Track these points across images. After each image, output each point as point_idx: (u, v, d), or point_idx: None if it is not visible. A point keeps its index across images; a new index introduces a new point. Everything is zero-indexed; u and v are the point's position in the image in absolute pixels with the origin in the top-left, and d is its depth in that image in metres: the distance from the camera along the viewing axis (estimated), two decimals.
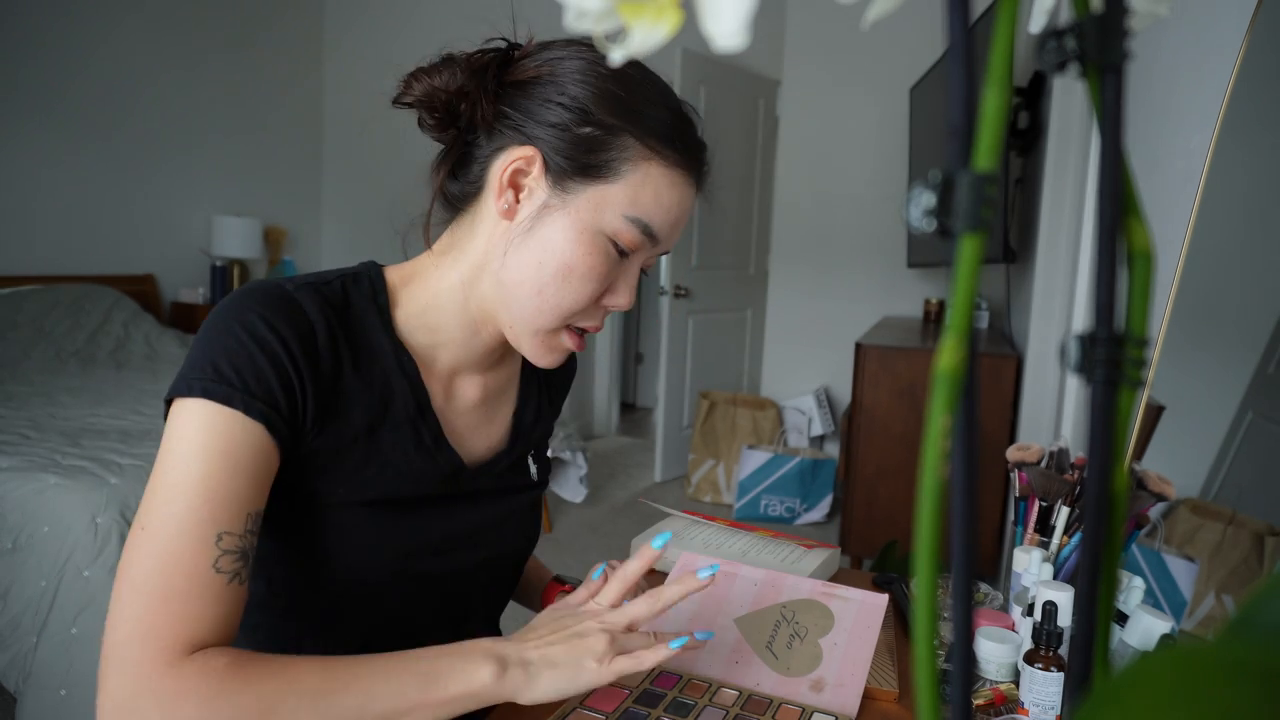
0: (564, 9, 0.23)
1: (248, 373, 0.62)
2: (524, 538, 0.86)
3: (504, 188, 0.69)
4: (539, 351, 0.73)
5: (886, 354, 2.63)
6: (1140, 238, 0.21)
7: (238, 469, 0.61)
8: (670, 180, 0.69)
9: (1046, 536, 0.89)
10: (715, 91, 3.83)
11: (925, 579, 0.20)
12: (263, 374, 0.62)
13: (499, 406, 0.84)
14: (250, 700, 0.55)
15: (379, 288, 0.74)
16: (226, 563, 0.59)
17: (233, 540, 0.60)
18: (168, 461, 0.60)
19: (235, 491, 0.60)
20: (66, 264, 3.34)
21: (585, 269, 0.68)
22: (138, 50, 3.53)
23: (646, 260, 0.73)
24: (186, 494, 0.59)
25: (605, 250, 0.68)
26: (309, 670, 0.58)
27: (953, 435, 0.19)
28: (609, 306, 0.72)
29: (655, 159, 0.68)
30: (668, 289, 3.81)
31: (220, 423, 0.61)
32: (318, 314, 0.67)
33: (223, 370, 0.62)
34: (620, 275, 0.71)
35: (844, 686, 0.76)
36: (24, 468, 1.74)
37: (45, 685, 1.52)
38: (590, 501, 3.55)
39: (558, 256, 0.68)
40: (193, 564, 0.58)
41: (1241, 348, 0.89)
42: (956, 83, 0.19)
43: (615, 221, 0.68)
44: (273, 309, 0.65)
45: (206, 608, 0.58)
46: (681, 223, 0.72)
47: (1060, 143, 2.35)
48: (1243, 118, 0.89)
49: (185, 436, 0.61)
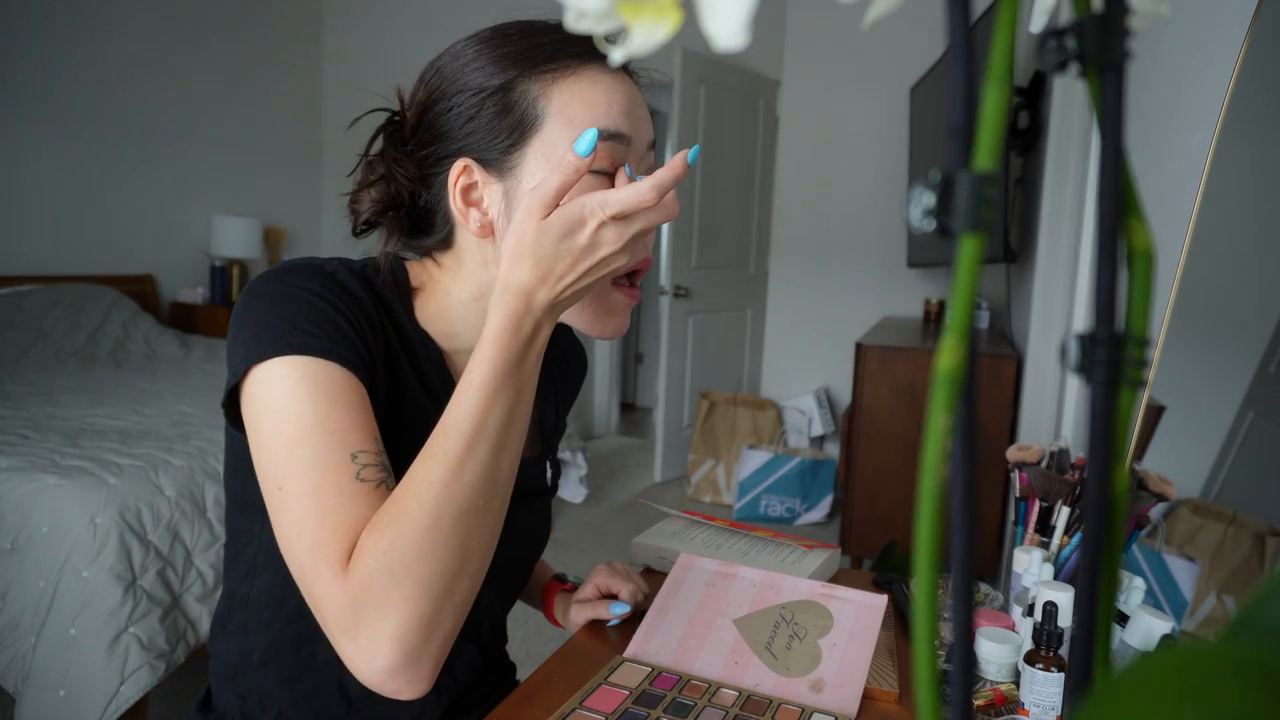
0: (564, 9, 0.23)
1: (323, 323, 0.62)
2: (537, 542, 0.86)
3: (465, 210, 0.69)
4: (598, 319, 0.71)
5: (886, 354, 2.63)
6: (1140, 237, 0.21)
7: (349, 404, 0.61)
8: (587, 83, 0.67)
9: (1047, 537, 0.89)
10: (715, 91, 3.83)
11: (925, 579, 0.20)
12: (336, 323, 0.63)
13: None
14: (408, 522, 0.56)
15: (402, 279, 0.74)
16: (370, 473, 0.60)
17: (369, 455, 0.60)
18: (274, 422, 0.60)
19: (354, 421, 0.61)
20: (66, 264, 3.34)
21: None
22: (137, 50, 3.53)
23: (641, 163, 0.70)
24: (309, 438, 0.59)
25: (584, 186, 0.66)
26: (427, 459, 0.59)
27: (953, 435, 0.19)
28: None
29: (559, 79, 0.67)
30: (668, 289, 3.81)
31: (315, 370, 0.61)
32: (359, 290, 0.68)
33: (297, 324, 0.62)
34: None
35: (843, 687, 0.76)
36: (23, 468, 1.74)
37: (44, 686, 1.52)
38: (590, 501, 3.55)
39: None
40: (339, 483, 0.58)
41: (1242, 348, 0.89)
42: (956, 83, 0.19)
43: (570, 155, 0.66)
44: (322, 279, 0.65)
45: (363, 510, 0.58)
46: (634, 108, 0.69)
47: (1060, 143, 2.35)
48: (1243, 117, 0.89)
49: (282, 393, 0.60)
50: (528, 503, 0.83)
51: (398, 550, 0.55)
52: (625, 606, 0.90)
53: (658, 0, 0.22)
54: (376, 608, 0.55)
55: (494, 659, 0.90)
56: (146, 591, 1.60)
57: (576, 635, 0.89)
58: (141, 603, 1.58)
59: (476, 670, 0.85)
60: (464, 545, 0.58)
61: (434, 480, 0.58)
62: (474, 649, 0.83)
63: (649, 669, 0.78)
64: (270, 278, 0.65)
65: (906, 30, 3.61)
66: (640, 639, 0.83)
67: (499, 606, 0.87)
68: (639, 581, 0.93)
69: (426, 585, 0.56)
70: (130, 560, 1.60)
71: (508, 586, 0.86)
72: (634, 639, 0.83)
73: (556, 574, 1.03)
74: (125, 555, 1.59)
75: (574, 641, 0.87)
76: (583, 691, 0.74)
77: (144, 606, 1.58)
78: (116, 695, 1.51)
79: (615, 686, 0.75)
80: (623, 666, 0.79)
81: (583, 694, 0.73)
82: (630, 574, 0.95)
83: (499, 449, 0.60)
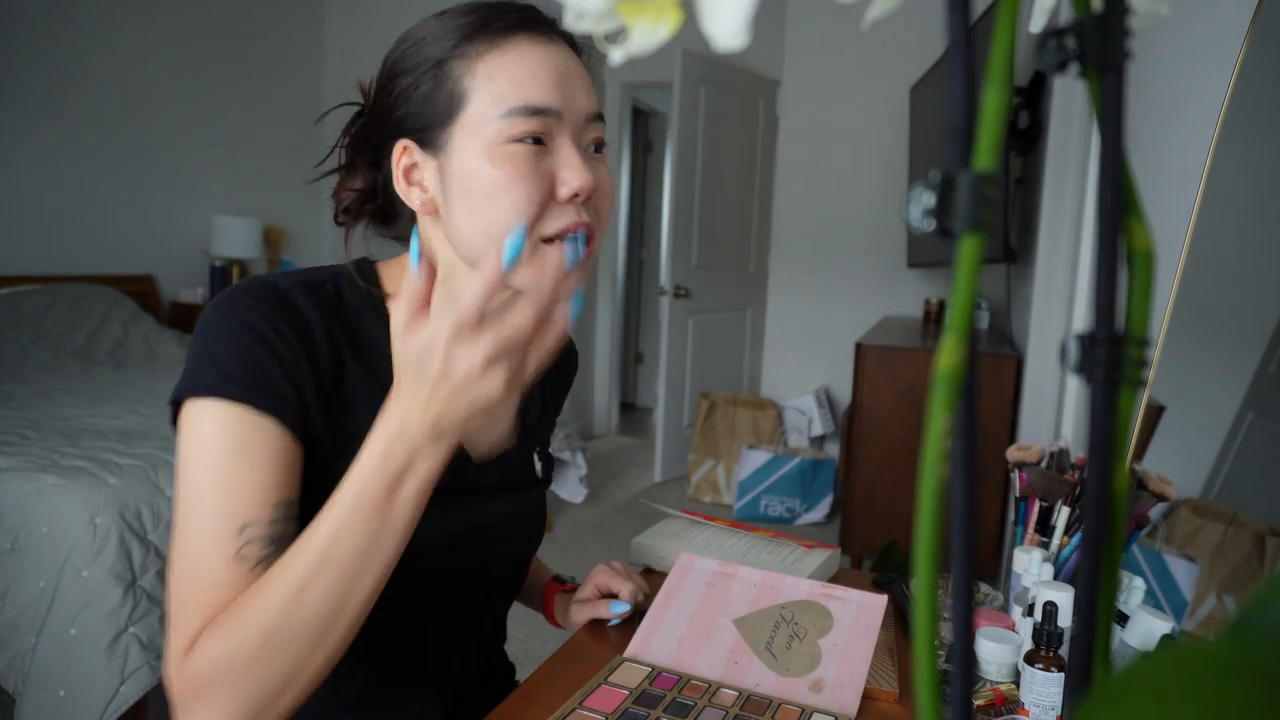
0: (564, 9, 0.23)
1: (250, 367, 0.62)
2: (530, 535, 0.86)
3: (408, 190, 0.70)
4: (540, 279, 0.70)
5: (886, 354, 2.62)
6: (1140, 238, 0.21)
7: (256, 463, 0.61)
8: (515, 56, 0.67)
9: (1046, 537, 0.89)
10: (715, 91, 3.83)
11: (925, 579, 0.20)
12: (265, 366, 0.63)
13: None
14: (239, 638, 0.56)
15: (371, 284, 0.74)
16: (251, 550, 0.60)
17: (258, 529, 0.61)
18: (186, 465, 0.62)
19: (256, 483, 0.61)
20: (66, 264, 3.34)
21: (505, 179, 0.65)
22: (137, 50, 3.53)
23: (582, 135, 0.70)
24: (208, 495, 0.60)
25: (511, 154, 0.66)
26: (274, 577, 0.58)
27: (953, 435, 0.19)
28: (566, 195, 0.67)
29: (486, 53, 0.67)
30: (668, 289, 3.81)
31: (231, 419, 0.61)
32: (312, 310, 0.67)
33: (225, 367, 0.62)
34: (557, 162, 0.68)
35: (843, 687, 0.76)
36: (23, 468, 1.74)
37: (44, 686, 1.52)
38: (590, 502, 3.55)
39: (476, 190, 0.67)
40: (214, 559, 0.59)
41: (1242, 348, 0.89)
42: (956, 83, 0.19)
43: (497, 126, 0.66)
44: (267, 304, 0.65)
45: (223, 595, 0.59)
46: (566, 80, 0.68)
47: (1060, 143, 2.35)
48: (1243, 117, 0.89)
49: (198, 438, 0.62)
50: (515, 496, 0.82)
51: (227, 661, 0.56)
52: (625, 606, 0.90)
53: (658, 0, 0.22)
54: (203, 702, 0.57)
55: (494, 658, 0.90)
56: (146, 591, 1.60)
57: (576, 635, 0.89)
58: (141, 603, 1.58)
59: (477, 669, 0.85)
60: (295, 666, 0.57)
61: (270, 604, 0.56)
62: (474, 647, 0.83)
63: (649, 669, 0.78)
64: (220, 305, 0.65)
65: (906, 30, 3.60)
66: (640, 639, 0.83)
67: (500, 603, 0.87)
68: (639, 581, 0.93)
69: (252, 692, 0.56)
70: (130, 560, 1.60)
71: (505, 582, 0.86)
72: (634, 639, 0.83)
73: (556, 574, 1.03)
74: (125, 555, 1.59)
75: (574, 641, 0.87)
76: (583, 691, 0.74)
77: (144, 606, 1.59)
78: (116, 695, 1.51)
79: (615, 686, 0.75)
80: (623, 666, 0.79)
81: (583, 694, 0.73)
82: (630, 574, 0.95)
83: (350, 581, 0.57)
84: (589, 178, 0.67)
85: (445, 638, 0.80)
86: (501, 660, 0.93)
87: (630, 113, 4.77)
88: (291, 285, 0.68)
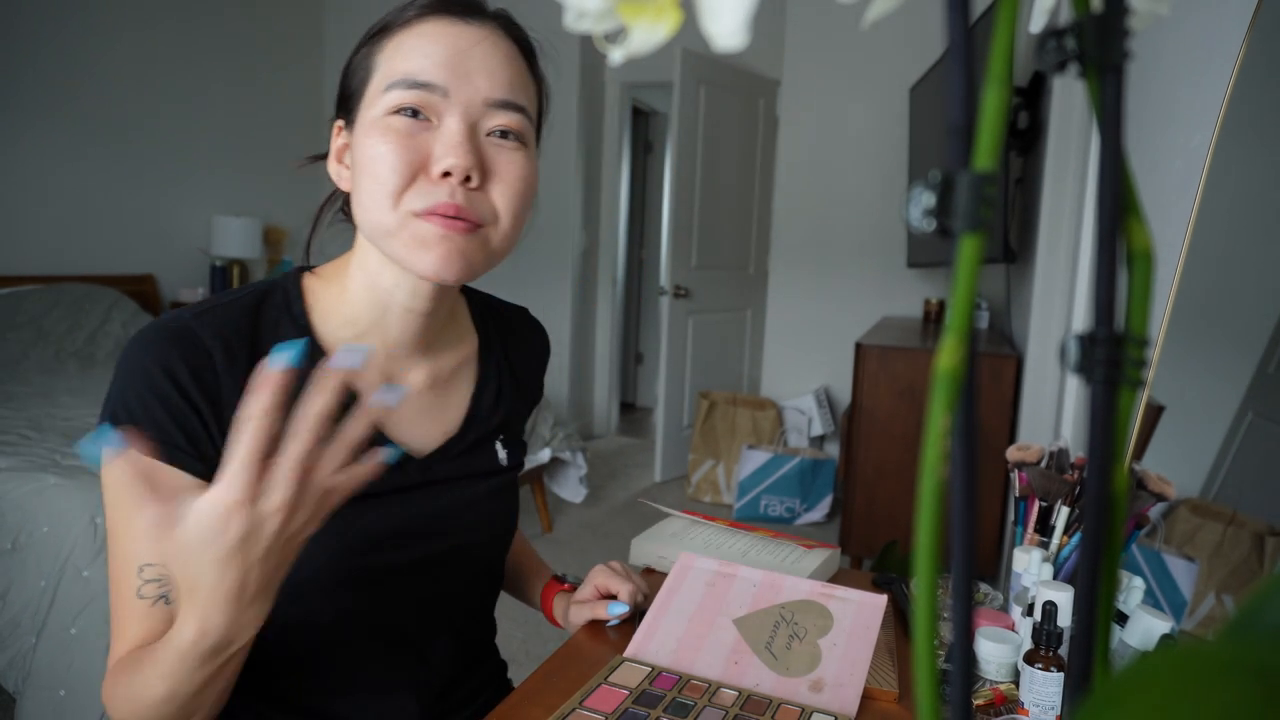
0: (564, 9, 0.23)
1: (140, 414, 0.65)
2: (496, 524, 0.85)
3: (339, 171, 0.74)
4: (413, 252, 0.68)
5: (886, 354, 2.63)
6: (1140, 238, 0.21)
7: None
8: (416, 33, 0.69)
9: (1046, 536, 0.89)
10: (715, 91, 3.83)
11: (925, 579, 0.20)
12: (154, 412, 0.65)
13: (453, 391, 0.82)
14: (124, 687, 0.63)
15: (294, 295, 0.75)
16: (149, 589, 0.66)
17: (154, 569, 0.66)
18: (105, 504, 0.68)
19: None
20: (66, 264, 3.34)
21: (381, 149, 0.67)
22: (138, 51, 3.53)
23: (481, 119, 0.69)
24: (113, 535, 0.67)
25: (388, 126, 0.67)
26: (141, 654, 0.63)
27: (953, 435, 0.19)
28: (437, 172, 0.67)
29: (394, 33, 0.69)
30: (668, 289, 3.81)
31: None
32: (214, 337, 0.68)
33: (117, 415, 0.66)
34: (435, 139, 0.68)
35: (843, 687, 0.76)
36: (23, 468, 1.74)
37: (45, 685, 1.52)
38: (590, 501, 3.55)
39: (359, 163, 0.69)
40: (126, 593, 0.66)
41: (1241, 348, 0.89)
42: (956, 83, 0.19)
43: (382, 100, 0.68)
44: (165, 348, 0.67)
45: (132, 628, 0.66)
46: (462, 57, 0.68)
47: (1060, 143, 2.35)
48: (1243, 118, 0.89)
49: (105, 484, 0.67)
50: (475, 486, 0.82)
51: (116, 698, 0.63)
52: (625, 606, 0.90)
53: (658, 0, 0.22)
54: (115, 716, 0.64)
55: (477, 650, 0.89)
56: None
57: (576, 635, 0.89)
58: None
59: (455, 660, 0.84)
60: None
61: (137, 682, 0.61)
62: (448, 639, 0.83)
63: (649, 669, 0.78)
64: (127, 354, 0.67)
65: (906, 30, 3.60)
66: (640, 639, 0.83)
67: (471, 595, 0.86)
68: (638, 581, 0.93)
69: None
70: None
71: (475, 572, 0.84)
72: (634, 639, 0.83)
73: (555, 574, 1.03)
74: None
75: (574, 641, 0.87)
76: (583, 691, 0.74)
77: None
78: None
79: (615, 686, 0.75)
80: (623, 666, 0.79)
81: (583, 694, 0.73)
82: (630, 574, 0.94)
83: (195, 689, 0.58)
84: (465, 158, 0.66)
85: (412, 630, 0.79)
86: (488, 654, 0.92)
87: (630, 113, 4.77)
88: (199, 315, 0.69)
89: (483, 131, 0.69)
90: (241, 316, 0.71)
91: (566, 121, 4.27)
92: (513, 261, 0.90)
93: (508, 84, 0.70)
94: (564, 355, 4.43)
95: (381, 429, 0.75)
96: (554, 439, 3.08)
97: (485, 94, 0.68)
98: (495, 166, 0.69)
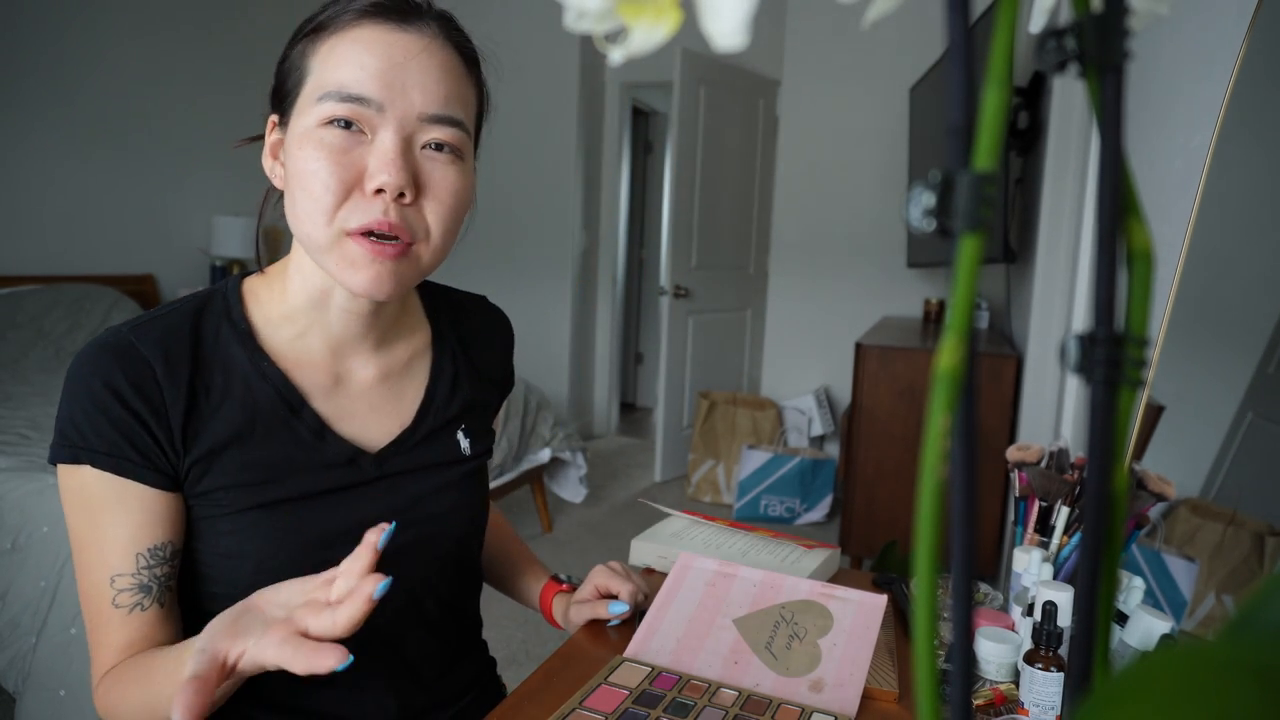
0: (564, 9, 0.23)
1: (88, 430, 0.67)
2: (463, 512, 0.84)
3: (273, 167, 0.73)
4: (344, 271, 0.67)
5: (886, 354, 2.63)
6: (1140, 238, 0.21)
7: (112, 518, 0.68)
8: (350, 38, 0.66)
9: (1046, 536, 0.89)
10: (715, 91, 3.83)
11: (925, 579, 0.20)
12: (101, 428, 0.67)
13: (407, 383, 0.82)
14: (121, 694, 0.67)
15: (232, 301, 0.75)
16: (124, 598, 0.68)
17: (125, 579, 0.68)
18: (66, 516, 0.70)
19: (115, 538, 0.68)
20: (66, 264, 3.34)
21: (314, 165, 0.65)
22: (138, 51, 3.53)
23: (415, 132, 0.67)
24: (79, 549, 0.69)
25: (321, 140, 0.65)
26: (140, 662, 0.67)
27: (953, 435, 0.19)
28: (371, 189, 0.66)
29: (328, 35, 0.68)
30: (668, 289, 3.81)
31: (87, 481, 0.68)
32: (153, 348, 0.69)
33: (68, 433, 0.67)
34: (369, 154, 0.66)
35: (843, 687, 0.76)
36: (23, 468, 1.74)
37: (44, 685, 1.52)
38: (590, 501, 3.55)
39: (291, 173, 0.68)
40: (99, 603, 0.68)
41: (1241, 348, 0.89)
42: (956, 83, 0.19)
43: (314, 110, 0.66)
44: (106, 363, 0.67)
45: (113, 636, 0.68)
46: (398, 69, 0.66)
47: (1060, 143, 2.35)
48: (1243, 118, 0.89)
49: (64, 499, 0.69)
50: (436, 477, 0.81)
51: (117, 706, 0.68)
52: (624, 607, 0.89)
53: (658, 0, 0.22)
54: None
55: (457, 646, 0.88)
56: None
57: (576, 635, 0.89)
58: None
59: (434, 656, 0.83)
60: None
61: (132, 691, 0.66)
62: (423, 633, 0.82)
63: (649, 669, 0.78)
64: (73, 371, 0.69)
65: (906, 30, 3.60)
66: (640, 639, 0.83)
67: (442, 587, 0.84)
68: (639, 581, 0.93)
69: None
70: None
71: (445, 562, 0.84)
72: (634, 639, 0.83)
73: (554, 574, 1.03)
74: None
75: (574, 641, 0.87)
76: (583, 691, 0.74)
77: None
78: None
79: (615, 686, 0.75)
80: (623, 666, 0.79)
81: (583, 694, 0.73)
82: (630, 574, 0.94)
83: None
84: (399, 175, 0.65)
85: (383, 625, 0.78)
86: (472, 650, 0.91)
87: (630, 113, 4.77)
88: (137, 327, 0.70)
89: (417, 145, 0.68)
90: (181, 324, 0.71)
91: (566, 121, 4.27)
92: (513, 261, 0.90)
93: (444, 98, 0.68)
94: (564, 355, 4.43)
95: (331, 426, 0.76)
96: (554, 439, 3.08)
97: (420, 108, 0.67)
98: (429, 181, 0.68)
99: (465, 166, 0.71)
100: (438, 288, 0.91)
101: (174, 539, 0.70)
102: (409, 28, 0.68)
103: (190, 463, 0.70)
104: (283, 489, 0.73)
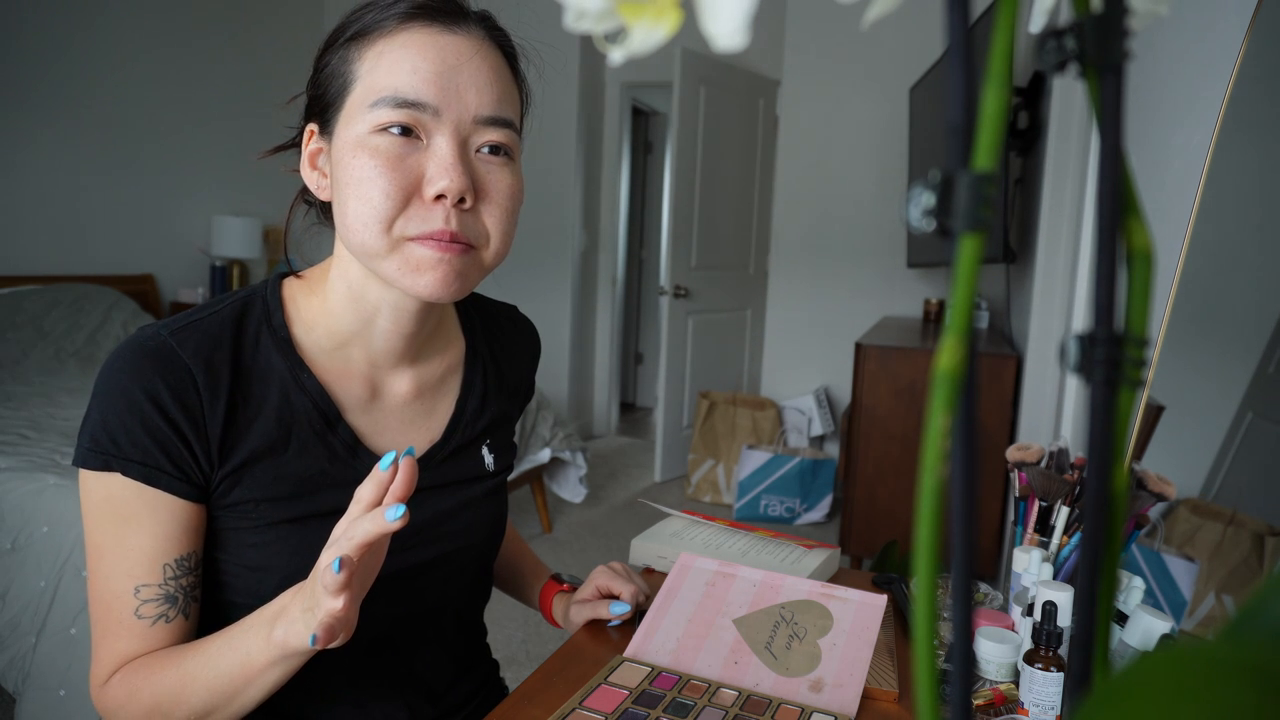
0: (564, 9, 0.23)
1: (122, 437, 0.65)
2: (482, 529, 0.84)
3: (312, 174, 0.72)
4: (406, 275, 0.66)
5: (886, 354, 2.63)
6: (1140, 238, 0.21)
7: (140, 528, 0.66)
8: (398, 45, 0.65)
9: (1046, 536, 0.89)
10: (715, 91, 3.83)
11: (925, 579, 0.20)
12: (137, 437, 0.65)
13: (440, 398, 0.81)
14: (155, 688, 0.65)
15: (273, 306, 0.73)
16: (148, 610, 0.67)
17: (151, 590, 0.66)
18: (86, 522, 0.68)
19: (142, 548, 0.66)
20: (66, 264, 3.34)
21: (370, 173, 0.64)
22: (138, 51, 3.53)
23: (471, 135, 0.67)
24: (98, 555, 0.67)
25: (376, 147, 0.64)
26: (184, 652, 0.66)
27: (953, 435, 0.19)
28: (431, 195, 0.65)
29: (374, 41, 0.66)
30: (668, 289, 3.81)
31: (116, 489, 0.66)
32: (195, 355, 0.67)
33: (99, 439, 0.65)
34: (428, 160, 0.66)
35: (843, 687, 0.76)
36: (23, 468, 1.74)
37: (44, 685, 1.52)
38: (590, 501, 3.55)
39: (343, 181, 0.66)
40: (119, 613, 0.67)
41: (1241, 348, 0.89)
42: (956, 83, 0.19)
43: (367, 116, 0.65)
44: (147, 370, 0.65)
45: (128, 645, 0.67)
46: (452, 73, 0.65)
47: (1060, 143, 2.35)
48: (1243, 118, 0.89)
49: (87, 504, 0.67)
50: (459, 493, 0.81)
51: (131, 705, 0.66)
52: (625, 607, 0.89)
53: (658, 0, 0.22)
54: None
55: (467, 658, 0.88)
56: None
57: (576, 635, 0.89)
58: None
59: (445, 669, 0.83)
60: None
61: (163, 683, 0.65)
62: (436, 648, 0.82)
63: (649, 669, 0.78)
64: (108, 372, 0.66)
65: (906, 30, 3.60)
66: (640, 639, 0.83)
67: (462, 601, 0.85)
68: (639, 582, 0.93)
69: None
70: None
71: (464, 578, 0.84)
72: (634, 639, 0.83)
73: (554, 574, 1.03)
74: None
75: (574, 641, 0.87)
76: (583, 691, 0.74)
77: None
78: None
79: (615, 686, 0.75)
80: (623, 666, 0.79)
81: (583, 694, 0.73)
82: (630, 574, 0.94)
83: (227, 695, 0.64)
84: (460, 180, 0.64)
85: (400, 641, 0.79)
86: (479, 659, 0.91)
87: (630, 113, 4.77)
88: (178, 331, 0.68)
89: (473, 148, 0.67)
90: (222, 331, 0.69)
91: (566, 121, 4.27)
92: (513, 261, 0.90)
93: (496, 100, 0.68)
94: (564, 355, 4.43)
95: (364, 442, 0.75)
96: (554, 439, 3.08)
97: (475, 111, 0.66)
98: (486, 185, 0.67)
99: (517, 167, 0.71)
100: (471, 295, 0.90)
101: (198, 548, 0.69)
102: (457, 29, 0.67)
103: (223, 475, 0.68)
104: (313, 504, 0.71)
